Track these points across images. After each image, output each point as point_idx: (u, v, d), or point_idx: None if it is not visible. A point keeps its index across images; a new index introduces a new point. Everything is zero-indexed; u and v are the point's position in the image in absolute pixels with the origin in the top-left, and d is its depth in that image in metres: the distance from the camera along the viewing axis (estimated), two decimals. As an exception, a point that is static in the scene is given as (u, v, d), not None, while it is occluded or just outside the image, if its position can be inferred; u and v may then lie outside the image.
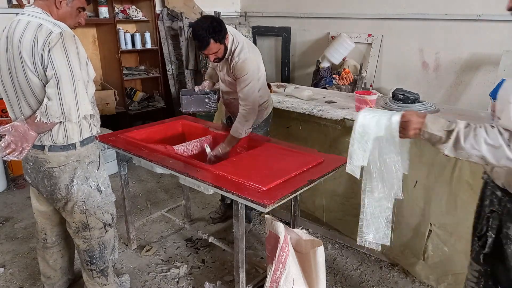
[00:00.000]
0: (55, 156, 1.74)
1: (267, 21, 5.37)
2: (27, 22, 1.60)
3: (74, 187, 1.79)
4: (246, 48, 2.31)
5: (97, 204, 1.87)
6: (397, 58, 4.38)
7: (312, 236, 1.82)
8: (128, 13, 4.60)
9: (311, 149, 2.31)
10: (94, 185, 1.85)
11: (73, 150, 1.76)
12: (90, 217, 1.86)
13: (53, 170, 1.76)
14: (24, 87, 1.64)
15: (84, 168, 1.80)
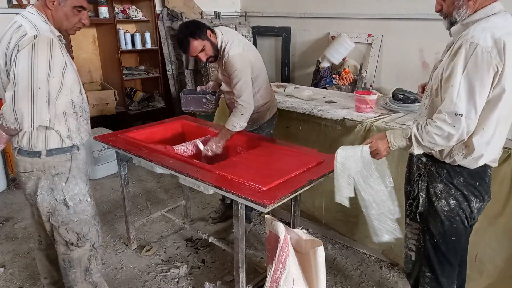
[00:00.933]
0: (22, 161, 1.69)
1: (267, 21, 5.36)
2: (14, 22, 1.59)
3: (38, 197, 1.71)
4: (236, 44, 2.31)
5: (62, 219, 1.75)
6: (397, 58, 4.37)
7: (312, 236, 1.82)
8: (128, 13, 4.60)
9: (311, 149, 2.31)
10: (60, 198, 1.73)
11: (38, 158, 1.67)
12: (55, 230, 1.78)
13: (19, 175, 1.73)
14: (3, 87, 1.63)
15: (49, 179, 1.71)
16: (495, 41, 1.33)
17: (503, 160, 1.95)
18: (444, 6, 1.49)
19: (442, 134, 1.40)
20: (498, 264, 2.08)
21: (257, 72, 2.43)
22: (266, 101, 2.57)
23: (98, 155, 3.77)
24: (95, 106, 4.18)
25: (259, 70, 2.45)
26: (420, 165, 1.62)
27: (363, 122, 2.53)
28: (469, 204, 1.54)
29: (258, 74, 2.44)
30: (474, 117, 1.37)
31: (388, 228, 1.70)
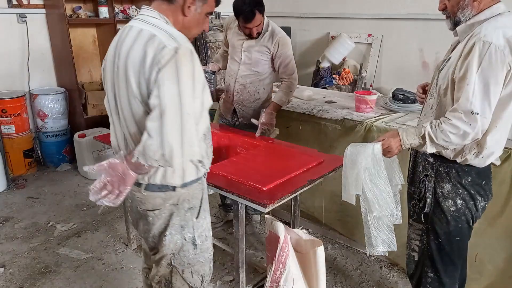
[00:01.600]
0: (151, 197, 1.40)
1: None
2: (139, 30, 1.27)
3: (166, 237, 1.44)
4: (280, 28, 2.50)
5: (188, 260, 1.49)
6: (397, 58, 4.38)
7: (312, 236, 1.82)
8: (128, 13, 4.60)
9: (311, 149, 2.31)
10: (190, 237, 1.47)
11: (172, 192, 1.40)
12: (176, 275, 1.50)
13: (147, 214, 1.44)
14: (126, 113, 1.31)
15: (181, 215, 1.44)
16: (507, 40, 1.35)
17: (503, 160, 1.95)
18: (448, 5, 1.49)
19: (457, 133, 1.39)
20: (498, 264, 2.08)
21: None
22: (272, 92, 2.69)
23: (98, 155, 3.77)
24: (95, 106, 4.18)
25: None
26: (427, 166, 1.61)
27: (363, 122, 2.53)
28: (475, 204, 1.54)
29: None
30: (488, 115, 1.37)
31: (384, 238, 1.64)
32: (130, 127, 1.33)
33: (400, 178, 1.70)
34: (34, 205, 3.30)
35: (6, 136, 3.70)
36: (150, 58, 1.20)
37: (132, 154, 1.25)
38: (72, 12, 4.06)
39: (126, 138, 1.38)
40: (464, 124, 1.37)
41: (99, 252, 2.67)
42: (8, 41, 3.84)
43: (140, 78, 1.23)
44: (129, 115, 1.31)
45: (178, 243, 1.46)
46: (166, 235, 1.44)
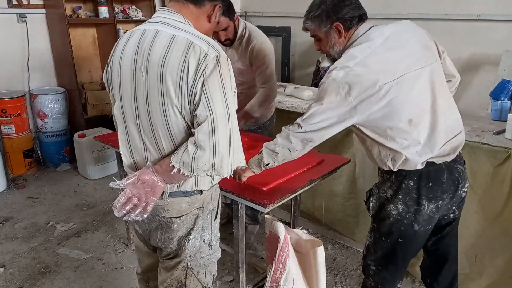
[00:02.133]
0: (175, 203, 1.34)
1: (267, 21, 5.36)
2: (172, 36, 1.20)
3: (190, 241, 1.40)
4: (261, 35, 2.37)
5: (203, 261, 1.46)
6: (397, 58, 4.37)
7: (312, 236, 1.82)
8: (128, 13, 4.60)
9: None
10: (208, 238, 1.45)
11: (198, 195, 1.37)
12: (191, 277, 1.46)
13: (171, 221, 1.37)
14: (158, 124, 1.24)
15: (204, 218, 1.41)
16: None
17: (503, 160, 1.95)
18: (321, 46, 1.67)
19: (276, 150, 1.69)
20: (498, 264, 2.08)
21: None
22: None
23: (98, 155, 3.77)
24: (95, 106, 4.18)
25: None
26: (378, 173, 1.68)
27: (363, 122, 2.53)
28: (419, 208, 1.52)
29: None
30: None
31: None
32: (159, 139, 1.27)
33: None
34: (34, 205, 3.30)
35: (6, 136, 3.71)
36: (193, 67, 1.15)
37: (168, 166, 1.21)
38: (72, 12, 4.06)
39: (147, 148, 1.31)
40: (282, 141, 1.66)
41: (99, 252, 2.67)
42: (8, 41, 3.84)
43: (181, 87, 1.17)
44: (162, 125, 1.24)
45: (196, 245, 1.42)
46: (190, 239, 1.40)
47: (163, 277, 1.50)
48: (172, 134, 1.24)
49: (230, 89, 1.20)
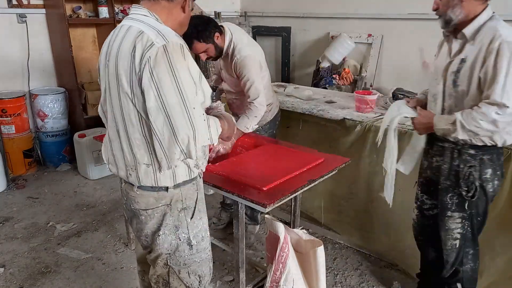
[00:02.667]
0: (143, 196, 1.40)
1: (267, 21, 5.36)
2: (128, 27, 1.27)
3: (160, 237, 1.43)
4: (246, 45, 2.31)
5: (183, 261, 1.48)
6: (397, 58, 4.37)
7: (312, 236, 1.82)
8: (128, 13, 4.59)
9: (311, 149, 2.31)
10: (184, 237, 1.46)
11: (165, 192, 1.39)
12: (173, 275, 1.49)
13: (140, 213, 1.43)
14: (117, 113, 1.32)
15: (174, 215, 1.43)
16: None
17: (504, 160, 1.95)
18: (440, 5, 1.67)
19: (487, 120, 1.55)
20: (498, 264, 2.08)
21: (263, 73, 2.42)
22: (269, 103, 2.55)
23: (98, 155, 3.76)
24: (95, 106, 4.18)
25: (263, 72, 2.44)
26: (469, 158, 1.72)
27: (363, 122, 2.53)
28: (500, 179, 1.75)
29: (263, 75, 2.42)
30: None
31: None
32: (119, 126, 1.34)
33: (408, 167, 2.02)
34: (34, 205, 3.30)
35: (6, 136, 3.71)
36: (139, 54, 1.19)
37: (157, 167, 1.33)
38: (72, 12, 4.06)
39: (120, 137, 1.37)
40: (495, 114, 1.53)
41: (99, 252, 2.67)
42: (8, 41, 3.84)
43: (132, 75, 1.22)
44: (120, 113, 1.31)
45: (173, 243, 1.45)
46: (160, 234, 1.43)
47: (151, 273, 1.54)
48: (127, 122, 1.30)
49: (186, 74, 1.21)
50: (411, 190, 2.34)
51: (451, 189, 1.79)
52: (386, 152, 1.99)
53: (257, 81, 2.28)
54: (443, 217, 1.84)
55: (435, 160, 1.85)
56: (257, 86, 2.28)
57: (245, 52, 2.27)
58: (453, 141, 1.72)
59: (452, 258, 1.88)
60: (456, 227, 1.82)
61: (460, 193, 1.76)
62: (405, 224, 2.39)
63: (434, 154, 1.85)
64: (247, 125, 2.31)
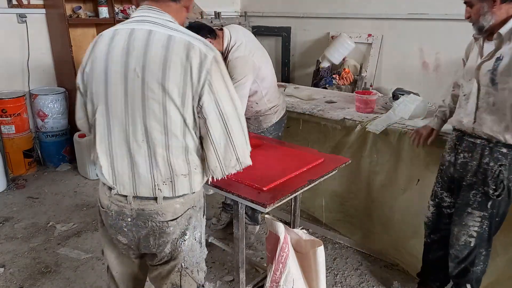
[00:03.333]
0: (170, 206, 1.32)
1: (267, 21, 5.36)
2: (168, 36, 1.20)
3: (185, 242, 1.38)
4: (242, 47, 2.29)
5: (196, 260, 1.46)
6: (397, 58, 4.38)
7: (312, 236, 1.82)
8: (128, 13, 4.59)
9: (311, 149, 2.31)
10: (199, 236, 1.45)
11: (190, 195, 1.36)
12: (185, 277, 1.44)
13: (167, 225, 1.33)
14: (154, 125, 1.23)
15: (195, 216, 1.41)
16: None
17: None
18: (471, 14, 1.73)
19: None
20: (498, 264, 2.08)
21: (264, 75, 2.40)
22: (274, 105, 2.52)
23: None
24: (95, 106, 4.19)
25: (265, 74, 2.41)
26: (500, 156, 1.73)
27: (363, 122, 2.53)
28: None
29: (264, 77, 2.40)
30: None
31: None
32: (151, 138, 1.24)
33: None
34: (34, 205, 3.30)
35: (6, 136, 3.70)
36: (196, 68, 1.18)
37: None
38: (72, 12, 4.06)
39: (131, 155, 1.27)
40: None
41: (99, 252, 2.66)
42: (8, 41, 3.84)
43: (185, 89, 1.18)
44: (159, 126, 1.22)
45: (189, 244, 1.40)
46: (186, 239, 1.38)
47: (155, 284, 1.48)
48: (169, 134, 1.23)
49: (231, 85, 1.26)
50: (413, 189, 2.34)
51: (476, 186, 1.79)
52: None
53: (242, 81, 2.24)
54: (461, 212, 1.85)
55: (462, 156, 1.85)
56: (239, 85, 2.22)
57: (238, 53, 2.27)
58: (486, 138, 1.74)
59: (463, 254, 1.88)
60: (473, 225, 1.83)
61: (485, 191, 1.76)
62: (406, 224, 2.39)
63: (463, 150, 1.84)
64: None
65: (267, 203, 1.61)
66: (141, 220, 1.33)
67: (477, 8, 1.69)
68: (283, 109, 2.65)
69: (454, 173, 1.90)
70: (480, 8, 1.68)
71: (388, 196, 2.46)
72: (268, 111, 2.52)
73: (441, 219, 2.02)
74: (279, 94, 2.62)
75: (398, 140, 2.36)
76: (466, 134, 1.83)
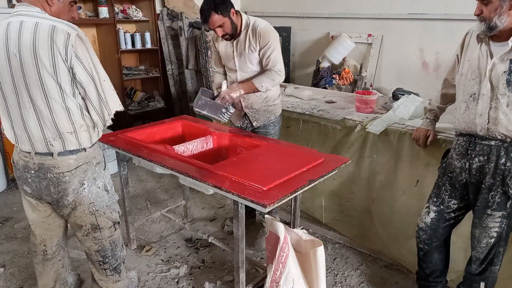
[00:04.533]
0: (64, 161, 1.69)
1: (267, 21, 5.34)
2: (35, 23, 1.55)
3: (85, 189, 1.75)
4: (264, 21, 2.42)
5: (105, 203, 1.84)
6: (397, 58, 4.38)
7: (312, 236, 1.82)
8: (128, 13, 4.60)
9: (311, 149, 2.31)
10: (102, 185, 1.82)
11: (83, 152, 1.73)
12: (100, 218, 1.83)
13: (63, 175, 1.70)
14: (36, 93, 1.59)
15: (92, 169, 1.77)
16: None
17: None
18: (485, 11, 1.65)
19: None
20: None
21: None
22: (280, 92, 2.64)
23: (98, 155, 3.77)
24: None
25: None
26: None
27: (363, 122, 2.53)
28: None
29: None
30: None
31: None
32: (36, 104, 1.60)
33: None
34: (34, 205, 3.30)
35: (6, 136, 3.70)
36: (61, 43, 1.52)
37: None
38: (72, 12, 4.05)
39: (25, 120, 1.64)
40: None
41: (99, 252, 2.67)
42: (8, 41, 3.84)
43: (56, 61, 1.53)
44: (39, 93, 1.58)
45: (94, 192, 1.77)
46: (85, 187, 1.74)
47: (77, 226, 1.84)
48: (49, 99, 1.59)
49: (94, 54, 1.61)
50: (412, 190, 2.34)
51: (495, 188, 1.76)
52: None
53: (277, 50, 2.38)
54: (481, 215, 1.81)
55: (477, 160, 1.78)
56: (277, 54, 2.37)
57: (264, 23, 2.39)
58: (500, 138, 1.70)
59: (483, 255, 1.87)
60: (494, 226, 1.80)
61: (504, 191, 1.74)
62: (406, 224, 2.39)
63: (477, 154, 1.78)
64: (262, 83, 2.38)
65: (267, 203, 1.61)
66: (42, 172, 1.70)
67: (495, 7, 1.61)
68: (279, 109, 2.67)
69: (470, 178, 1.82)
70: (498, 7, 1.60)
71: (388, 196, 2.47)
72: (277, 100, 2.59)
73: (441, 224, 1.98)
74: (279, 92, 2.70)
75: (398, 140, 2.36)
76: (478, 137, 1.76)
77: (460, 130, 1.84)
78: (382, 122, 2.45)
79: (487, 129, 1.72)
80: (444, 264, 2.08)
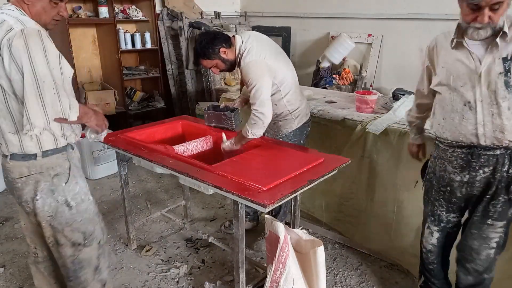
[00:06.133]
0: (16, 166, 1.60)
1: (267, 21, 5.36)
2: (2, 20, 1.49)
3: (38, 201, 1.63)
4: (253, 51, 2.24)
5: (65, 220, 1.69)
6: (397, 58, 4.37)
7: (312, 236, 1.82)
8: (128, 13, 4.60)
9: (311, 149, 2.31)
10: (62, 199, 1.67)
11: (34, 161, 1.60)
12: (59, 234, 1.70)
13: (16, 181, 1.63)
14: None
15: (48, 181, 1.63)
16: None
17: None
18: (494, 17, 1.49)
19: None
20: (498, 264, 2.08)
21: (281, 77, 2.32)
22: (295, 108, 2.40)
23: (98, 155, 3.77)
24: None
25: (284, 76, 2.34)
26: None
27: (363, 122, 2.53)
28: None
29: (282, 79, 2.33)
30: None
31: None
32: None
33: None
34: (34, 205, 3.30)
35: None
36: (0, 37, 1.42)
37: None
38: (72, 12, 4.06)
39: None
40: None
41: (99, 252, 2.67)
42: (8, 41, 3.84)
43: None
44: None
45: (52, 205, 1.65)
46: (38, 199, 1.63)
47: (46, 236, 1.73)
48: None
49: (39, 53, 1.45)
50: (412, 190, 2.34)
51: (496, 196, 1.67)
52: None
53: (256, 86, 2.16)
54: (481, 225, 1.73)
55: (481, 172, 1.68)
56: (255, 92, 2.16)
57: (249, 58, 2.22)
58: (505, 147, 1.61)
59: (484, 267, 1.81)
60: (494, 236, 1.74)
61: (505, 199, 1.67)
62: (406, 224, 2.39)
63: (482, 166, 1.67)
64: (247, 131, 2.20)
65: (267, 203, 1.61)
66: (5, 174, 1.67)
67: (504, 8, 1.48)
68: (306, 116, 2.50)
69: (472, 191, 1.72)
70: (506, 9, 1.49)
71: (388, 196, 2.47)
72: (289, 115, 2.41)
73: (446, 240, 1.92)
74: (301, 98, 2.47)
75: (398, 140, 2.36)
76: (481, 147, 1.64)
77: (455, 142, 1.70)
78: (382, 122, 2.45)
79: (494, 138, 1.60)
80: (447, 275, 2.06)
